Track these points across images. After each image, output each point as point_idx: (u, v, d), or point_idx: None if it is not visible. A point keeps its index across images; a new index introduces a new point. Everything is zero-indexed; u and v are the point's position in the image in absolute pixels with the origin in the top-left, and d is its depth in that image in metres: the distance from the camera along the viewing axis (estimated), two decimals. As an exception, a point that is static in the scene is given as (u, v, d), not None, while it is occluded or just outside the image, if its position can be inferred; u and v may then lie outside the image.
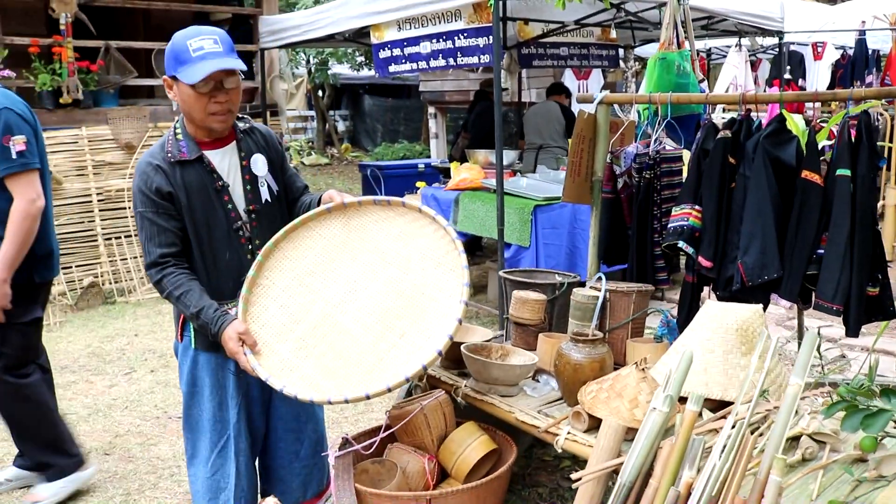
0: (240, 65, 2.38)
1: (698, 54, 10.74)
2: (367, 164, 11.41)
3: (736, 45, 7.57)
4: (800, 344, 4.17)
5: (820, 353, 4.01)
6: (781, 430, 1.84)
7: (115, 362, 5.21)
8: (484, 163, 6.33)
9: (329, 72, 18.24)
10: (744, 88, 8.65)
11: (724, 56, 9.10)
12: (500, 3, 5.85)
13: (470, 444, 2.56)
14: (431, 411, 2.58)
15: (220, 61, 2.31)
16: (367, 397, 2.12)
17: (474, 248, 7.90)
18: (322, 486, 2.71)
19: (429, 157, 13.65)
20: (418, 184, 6.83)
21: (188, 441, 2.65)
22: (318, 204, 2.54)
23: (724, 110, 8.52)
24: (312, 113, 19.71)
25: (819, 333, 3.76)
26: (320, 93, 19.41)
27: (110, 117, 6.93)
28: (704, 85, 4.24)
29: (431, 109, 13.73)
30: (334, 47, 13.94)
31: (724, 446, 1.91)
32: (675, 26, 3.98)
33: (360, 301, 2.31)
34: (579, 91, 10.77)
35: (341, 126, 21.00)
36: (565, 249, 5.55)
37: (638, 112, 3.96)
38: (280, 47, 7.60)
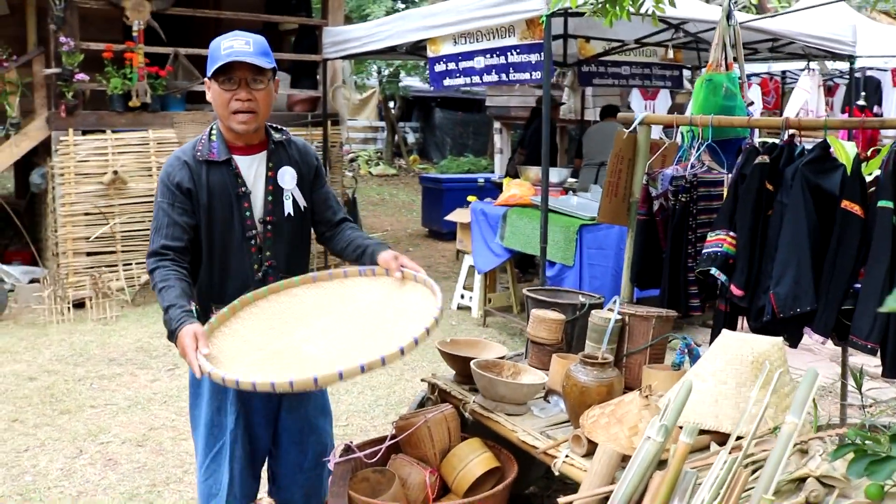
0: (263, 63, 2.37)
1: (771, 78, 10.48)
2: (428, 176, 11.50)
3: (806, 69, 7.34)
4: (843, 384, 4.00)
5: (861, 393, 3.84)
6: (773, 469, 1.76)
7: (160, 358, 5.37)
8: (535, 179, 6.29)
9: (400, 84, 18.47)
10: (815, 114, 8.37)
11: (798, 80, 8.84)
12: (553, 19, 5.84)
13: (472, 460, 2.54)
14: (435, 424, 2.57)
15: (243, 56, 2.34)
16: (291, 385, 1.95)
17: (526, 265, 7.85)
18: (326, 495, 2.72)
19: (493, 171, 13.67)
20: (469, 198, 6.83)
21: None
22: (372, 258, 2.47)
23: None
24: (383, 124, 19.99)
25: (862, 372, 3.62)
26: (391, 104, 19.66)
27: (176, 121, 7.18)
28: (752, 108, 4.12)
29: (497, 124, 13.74)
30: (393, 59, 14.18)
31: (714, 481, 1.84)
32: (724, 47, 3.88)
33: (329, 339, 2.25)
34: (645, 111, 10.64)
35: (411, 138, 21.22)
36: (611, 271, 5.45)
37: (682, 134, 3.88)
38: (342, 58, 7.75)
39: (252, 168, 2.50)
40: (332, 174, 8.25)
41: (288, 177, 2.52)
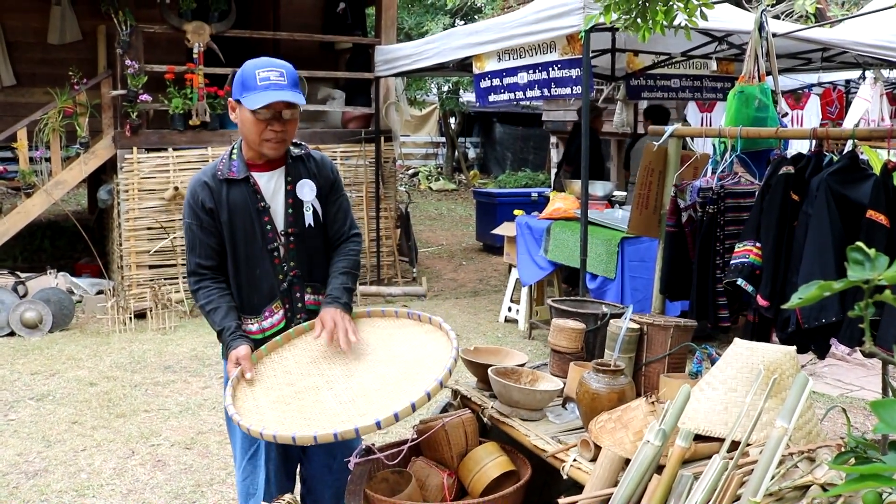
0: (300, 100, 2.52)
1: (834, 87, 10.28)
2: (482, 191, 11.61)
3: (861, 78, 7.18)
4: (884, 398, 3.92)
5: None
6: (761, 472, 1.79)
7: (213, 366, 5.59)
8: (579, 193, 6.31)
9: (459, 100, 18.66)
10: (876, 124, 8.16)
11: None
12: (600, 34, 5.88)
13: (487, 464, 2.61)
14: (452, 428, 2.65)
15: (283, 93, 2.47)
16: (315, 439, 2.17)
17: (576, 279, 7.84)
18: None
19: (549, 186, 13.69)
20: (516, 212, 6.90)
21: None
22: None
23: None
24: (444, 139, 20.20)
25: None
26: (452, 120, 19.86)
27: (234, 139, 7.45)
28: (786, 120, 4.09)
29: (553, 139, 13.76)
30: (442, 76, 14.41)
31: (706, 485, 1.87)
32: (757, 59, 3.88)
33: (349, 384, 2.43)
34: (702, 125, 10.50)
35: (472, 153, 21.36)
36: (653, 284, 5.43)
37: (714, 145, 3.88)
38: (393, 75, 7.92)
39: (271, 183, 2.62)
40: (385, 189, 8.43)
41: (307, 189, 2.64)
